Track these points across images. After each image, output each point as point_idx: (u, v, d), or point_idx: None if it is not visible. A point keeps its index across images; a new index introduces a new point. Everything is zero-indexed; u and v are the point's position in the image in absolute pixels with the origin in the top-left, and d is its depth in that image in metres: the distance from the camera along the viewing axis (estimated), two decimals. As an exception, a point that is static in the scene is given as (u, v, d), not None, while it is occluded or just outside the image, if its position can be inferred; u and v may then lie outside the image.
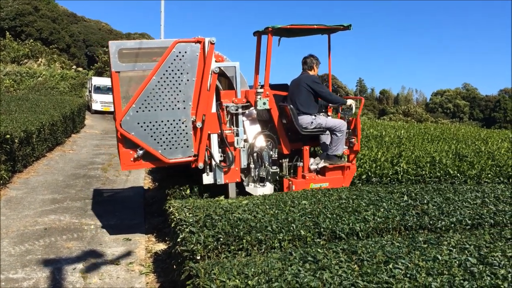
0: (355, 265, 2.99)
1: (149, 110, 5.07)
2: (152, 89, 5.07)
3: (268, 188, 5.64)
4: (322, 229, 3.90)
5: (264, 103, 5.57)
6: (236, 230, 3.73)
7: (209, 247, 3.51)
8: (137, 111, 5.03)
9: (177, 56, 5.11)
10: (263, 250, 3.64)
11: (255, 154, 5.63)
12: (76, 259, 4.81)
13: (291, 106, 5.80)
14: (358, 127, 6.09)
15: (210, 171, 5.44)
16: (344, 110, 6.24)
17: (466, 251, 3.25)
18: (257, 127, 5.84)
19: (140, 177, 8.97)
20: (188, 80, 5.18)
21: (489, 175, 6.66)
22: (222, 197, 5.20)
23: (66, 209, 6.61)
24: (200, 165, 5.30)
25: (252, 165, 5.62)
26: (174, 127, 5.18)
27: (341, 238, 3.87)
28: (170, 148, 5.19)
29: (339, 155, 6.08)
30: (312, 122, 5.84)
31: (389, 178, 6.37)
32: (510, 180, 6.66)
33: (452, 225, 4.19)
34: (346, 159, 6.23)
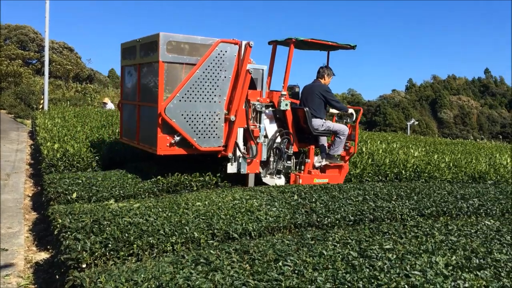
0: (247, 265, 3.04)
1: (190, 101, 5.58)
2: (195, 82, 5.58)
3: (282, 180, 6.38)
4: (215, 230, 3.92)
5: (287, 105, 6.25)
6: (126, 234, 3.58)
7: (96, 254, 3.32)
8: (180, 100, 5.50)
9: (218, 54, 5.68)
10: (155, 254, 3.54)
11: (275, 149, 6.33)
12: None
13: (307, 109, 6.49)
14: (356, 133, 6.90)
15: (234, 161, 5.97)
16: (345, 117, 7.11)
17: (349, 246, 3.48)
18: (275, 126, 6.51)
19: (20, 181, 8.21)
20: (225, 77, 5.78)
21: (369, 174, 7.23)
22: (111, 201, 4.97)
23: None
24: (230, 155, 5.87)
25: (271, 159, 6.32)
26: (209, 119, 5.75)
27: (234, 238, 3.92)
28: (204, 137, 5.74)
29: (337, 156, 6.84)
30: (322, 125, 6.61)
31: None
32: (387, 178, 7.30)
33: (337, 221, 4.47)
34: (340, 159, 6.97)
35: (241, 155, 5.97)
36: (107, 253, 3.38)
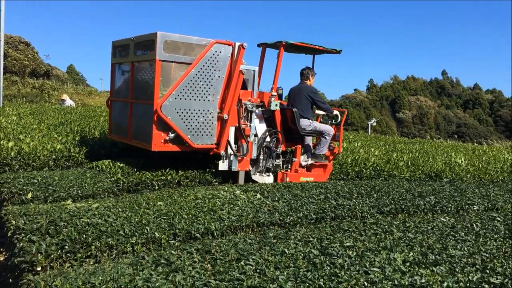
0: (208, 265, 3.01)
1: (185, 99, 5.72)
2: (190, 80, 5.72)
3: (271, 178, 6.56)
4: (177, 230, 3.86)
5: (276, 105, 6.47)
6: (84, 236, 3.48)
7: (52, 256, 3.21)
8: (175, 98, 5.64)
9: (213, 54, 5.85)
10: (114, 256, 3.45)
11: (264, 148, 6.51)
12: None
13: (295, 109, 6.68)
14: (341, 134, 7.15)
15: (226, 159, 6.13)
16: (330, 118, 7.35)
17: (310, 244, 3.52)
18: (264, 125, 6.64)
19: (-29, 181, 7.83)
20: (219, 76, 5.94)
21: (331, 173, 7.33)
22: (69, 202, 4.81)
23: None
24: (222, 152, 6.03)
25: (261, 157, 6.50)
26: (203, 117, 5.90)
27: (197, 238, 3.88)
28: (198, 135, 5.88)
29: (322, 155, 7.02)
30: (309, 125, 6.83)
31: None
32: (348, 177, 7.43)
33: (299, 219, 4.50)
34: (325, 159, 7.18)
35: (233, 153, 6.13)
36: (64, 255, 3.27)
